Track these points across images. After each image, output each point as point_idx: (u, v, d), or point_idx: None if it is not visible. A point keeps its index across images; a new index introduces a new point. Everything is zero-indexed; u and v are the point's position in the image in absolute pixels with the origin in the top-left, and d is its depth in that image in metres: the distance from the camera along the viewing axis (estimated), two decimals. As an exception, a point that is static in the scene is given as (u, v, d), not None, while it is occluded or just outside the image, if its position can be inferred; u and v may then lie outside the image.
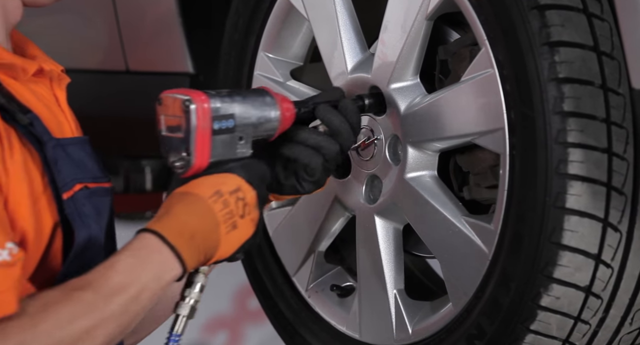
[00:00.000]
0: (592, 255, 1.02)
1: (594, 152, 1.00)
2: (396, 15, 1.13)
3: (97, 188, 0.99)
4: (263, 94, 1.04)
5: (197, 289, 0.99)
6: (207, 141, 0.99)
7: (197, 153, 0.99)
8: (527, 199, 1.02)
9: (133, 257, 0.92)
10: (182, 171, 1.00)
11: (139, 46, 1.53)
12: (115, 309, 0.89)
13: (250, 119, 1.02)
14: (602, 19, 1.01)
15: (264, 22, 1.29)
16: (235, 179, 0.99)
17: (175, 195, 0.98)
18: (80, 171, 0.97)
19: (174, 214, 0.95)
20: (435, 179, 1.14)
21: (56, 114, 1.01)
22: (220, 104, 1.00)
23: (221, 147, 1.00)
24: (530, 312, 1.03)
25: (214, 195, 0.97)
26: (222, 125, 1.00)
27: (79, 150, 0.99)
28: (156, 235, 0.93)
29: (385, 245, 1.19)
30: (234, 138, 1.01)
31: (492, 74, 1.04)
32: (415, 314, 1.17)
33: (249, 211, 0.99)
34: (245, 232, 0.99)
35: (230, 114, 1.00)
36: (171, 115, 1.00)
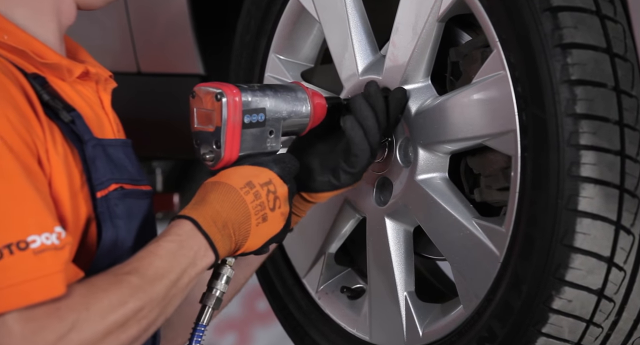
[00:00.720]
0: (605, 258, 1.01)
1: (606, 155, 1.00)
2: (407, 17, 1.13)
3: (133, 190, 1.01)
4: (295, 88, 1.06)
5: (223, 281, 1.00)
6: (237, 134, 1.00)
7: (227, 146, 1.00)
8: (539, 201, 1.02)
9: (172, 242, 0.94)
10: (212, 164, 1.01)
11: (151, 48, 1.53)
12: (159, 293, 0.92)
13: (281, 113, 1.03)
14: (615, 21, 1.01)
15: (275, 23, 1.30)
16: (267, 172, 1.01)
17: (207, 184, 1.00)
18: (118, 172, 0.99)
19: (207, 202, 0.97)
20: (446, 180, 1.14)
21: (99, 115, 1.03)
22: (251, 98, 1.01)
23: (251, 140, 1.01)
24: (541, 314, 1.03)
25: (246, 186, 0.99)
26: (252, 118, 1.01)
27: (119, 152, 1.01)
28: (192, 222, 0.95)
29: (395, 247, 1.19)
30: (264, 132, 1.02)
31: (503, 76, 1.04)
32: (426, 316, 1.17)
33: (280, 205, 1.01)
34: (275, 226, 1.01)
35: (262, 108, 1.02)
36: (203, 108, 1.01)
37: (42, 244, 0.87)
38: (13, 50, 0.98)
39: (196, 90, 1.02)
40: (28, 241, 0.87)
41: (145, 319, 0.90)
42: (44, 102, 0.95)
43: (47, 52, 1.00)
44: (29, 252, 0.87)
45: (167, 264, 0.92)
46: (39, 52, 0.99)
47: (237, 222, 0.98)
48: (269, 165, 1.01)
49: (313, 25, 1.28)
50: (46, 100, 0.95)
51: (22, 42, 0.99)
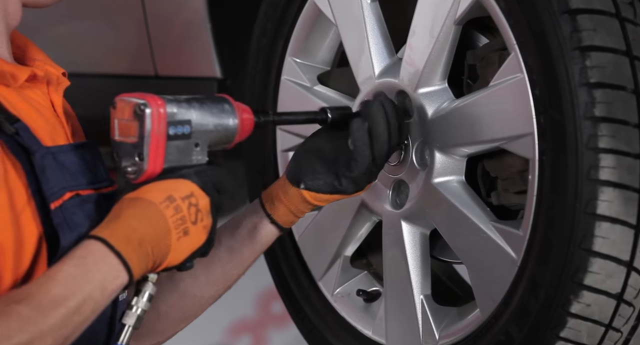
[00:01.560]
0: (624, 262, 1.00)
1: (626, 158, 0.99)
2: (424, 20, 1.13)
3: (90, 195, 0.97)
4: (222, 101, 1.02)
5: (145, 298, 0.97)
6: (161, 146, 0.96)
7: (150, 158, 0.96)
8: (557, 205, 1.01)
9: (76, 267, 0.88)
10: (134, 177, 0.97)
11: (168, 51, 1.54)
12: (54, 323, 0.86)
13: (207, 126, 0.99)
14: (635, 24, 1.00)
15: (291, 26, 1.30)
16: (189, 185, 0.97)
17: (125, 200, 0.95)
18: (72, 179, 0.95)
19: (122, 219, 0.93)
20: (462, 184, 1.14)
21: (51, 120, 0.99)
22: (176, 109, 0.98)
23: (176, 153, 0.98)
24: (560, 319, 1.02)
25: (166, 200, 0.95)
26: (177, 130, 0.97)
27: (72, 157, 0.97)
28: (102, 242, 0.90)
29: (411, 250, 1.19)
30: (190, 144, 0.98)
31: (521, 79, 1.04)
32: (442, 320, 1.17)
33: (202, 218, 0.96)
34: (197, 239, 0.96)
35: (187, 120, 0.98)
36: (126, 119, 0.97)
37: None
38: None
39: (117, 101, 0.98)
40: None
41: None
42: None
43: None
44: None
45: (66, 291, 0.87)
46: None
47: (156, 238, 0.93)
48: (190, 177, 0.97)
49: (330, 28, 1.28)
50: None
51: None
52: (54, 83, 1.01)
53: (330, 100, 1.29)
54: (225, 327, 2.32)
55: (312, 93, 1.30)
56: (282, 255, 1.34)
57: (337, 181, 1.07)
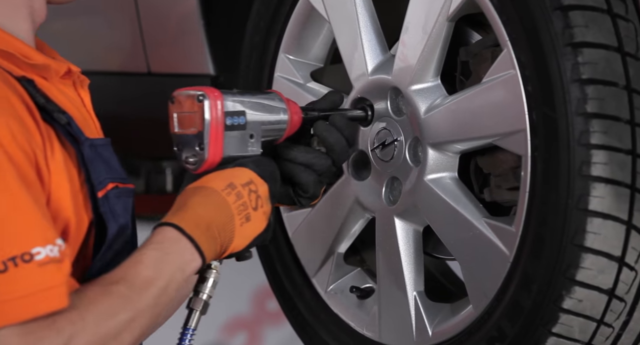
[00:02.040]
0: (616, 257, 1.01)
1: (617, 154, 0.99)
2: (417, 17, 1.13)
3: (125, 188, 1.01)
4: (273, 96, 1.07)
5: (210, 284, 1.00)
6: (220, 136, 1.00)
7: (210, 147, 1.00)
8: (549, 201, 1.01)
9: (157, 250, 0.94)
10: (195, 167, 1.01)
11: (161, 48, 1.54)
12: (148, 302, 0.91)
13: (260, 118, 1.04)
14: (627, 20, 1.00)
15: (284, 23, 1.30)
16: (248, 172, 1.01)
17: (188, 190, 1.00)
18: (110, 171, 0.99)
19: (189, 206, 0.97)
20: (455, 180, 1.14)
21: (84, 114, 1.03)
22: (232, 100, 1.02)
23: (233, 143, 1.02)
24: (552, 314, 1.02)
25: (227, 187, 0.99)
26: (234, 121, 1.01)
27: (107, 152, 1.01)
28: (174, 228, 0.95)
29: (405, 246, 1.19)
30: (245, 135, 1.02)
31: (514, 75, 1.04)
32: (435, 316, 1.17)
33: (262, 204, 1.01)
34: (258, 225, 1.00)
35: (242, 111, 1.02)
36: (185, 111, 1.01)
37: (47, 256, 0.87)
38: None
39: (175, 95, 1.02)
40: (33, 253, 0.86)
41: (137, 328, 0.90)
42: (40, 106, 0.95)
43: (31, 52, 0.99)
44: (33, 264, 0.86)
45: (153, 272, 0.92)
46: (25, 53, 0.98)
47: (221, 223, 0.97)
48: (248, 165, 1.01)
49: (323, 25, 1.28)
50: (42, 104, 0.95)
51: (6, 43, 0.98)
52: (78, 80, 1.04)
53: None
54: (220, 325, 2.32)
55: (305, 90, 1.30)
56: (275, 252, 1.34)
57: (296, 198, 1.10)
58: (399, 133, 1.18)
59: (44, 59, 1.00)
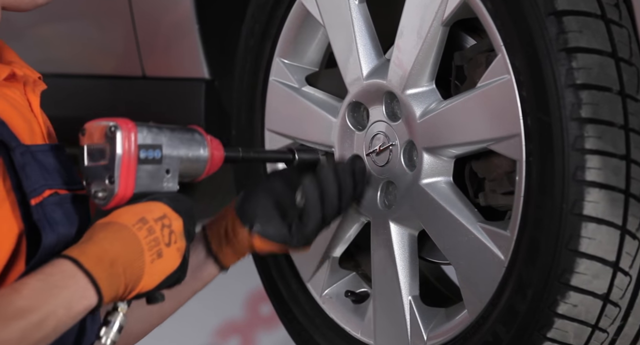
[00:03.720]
0: (610, 262, 1.01)
1: (612, 159, 0.99)
2: (412, 21, 1.13)
3: (69, 195, 0.97)
4: (193, 131, 1.03)
5: (114, 329, 0.94)
6: (132, 169, 0.96)
7: (121, 181, 0.95)
8: (544, 206, 1.01)
9: (42, 282, 0.88)
10: (105, 202, 0.96)
11: (156, 52, 1.54)
12: (12, 335, 0.85)
13: (178, 152, 0.99)
14: (621, 26, 1.01)
15: (279, 28, 1.30)
16: (161, 207, 0.96)
17: (97, 225, 0.95)
18: (51, 177, 0.95)
19: (94, 241, 0.92)
20: (450, 185, 1.14)
21: (29, 119, 0.99)
22: (147, 133, 0.98)
23: (146, 177, 0.97)
24: (547, 319, 1.02)
25: (139, 222, 0.94)
26: (148, 154, 0.97)
27: (50, 157, 0.97)
28: (72, 261, 0.89)
29: (400, 251, 1.19)
30: (161, 170, 0.98)
31: (508, 80, 1.04)
32: (430, 321, 1.17)
33: (175, 239, 0.95)
34: (171, 262, 0.95)
35: (158, 145, 0.98)
36: (96, 143, 0.97)
37: None
38: None
39: (87, 127, 0.98)
40: None
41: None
42: None
43: None
44: None
45: (28, 304, 0.86)
46: None
47: (129, 260, 0.91)
48: (162, 199, 0.97)
49: (318, 29, 1.28)
50: None
51: None
52: (31, 84, 1.02)
53: (319, 101, 1.29)
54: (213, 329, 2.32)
55: (300, 94, 1.30)
56: (270, 256, 1.34)
57: (289, 233, 1.07)
58: (394, 137, 1.18)
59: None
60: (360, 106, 1.23)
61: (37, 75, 1.03)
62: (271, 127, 1.34)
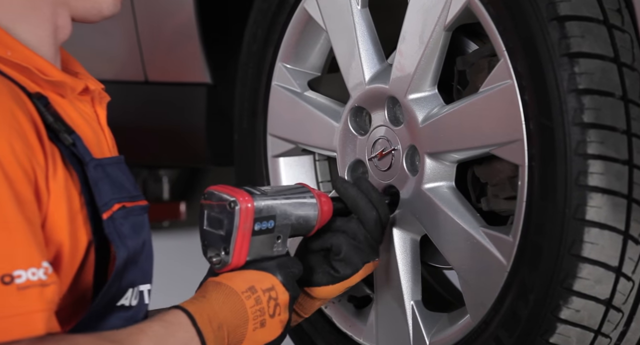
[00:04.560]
0: (613, 267, 1.01)
1: (614, 164, 0.99)
2: (414, 26, 1.13)
3: (134, 207, 1.00)
4: (305, 193, 1.07)
5: None
6: (246, 242, 1.01)
7: (235, 253, 1.01)
8: (546, 211, 1.01)
9: (163, 328, 0.94)
10: (219, 267, 1.02)
11: (158, 56, 1.54)
12: None
13: (290, 219, 1.04)
14: (623, 31, 1.01)
15: (282, 33, 1.30)
16: (271, 278, 1.02)
17: (210, 283, 1.01)
18: (118, 191, 0.99)
19: (208, 300, 0.99)
20: (452, 189, 1.14)
21: (97, 132, 1.02)
22: (263, 205, 1.02)
23: (259, 246, 1.02)
24: (549, 324, 1.02)
25: (248, 290, 1.00)
26: (262, 226, 1.02)
27: (117, 170, 1.00)
28: (188, 316, 0.96)
29: (402, 256, 1.19)
30: (272, 238, 1.03)
31: (510, 85, 1.04)
32: (433, 326, 1.17)
33: (280, 312, 1.01)
34: (272, 332, 1.01)
35: (272, 215, 1.03)
36: (215, 211, 1.02)
37: (28, 279, 0.85)
38: (16, 66, 0.97)
39: (208, 193, 1.03)
40: (14, 275, 0.85)
41: None
42: (47, 125, 0.94)
43: (50, 69, 0.99)
44: (12, 287, 0.85)
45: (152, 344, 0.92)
46: (42, 69, 0.98)
47: (234, 325, 0.98)
48: (272, 270, 1.02)
49: (320, 34, 1.28)
50: (49, 123, 0.94)
51: (25, 58, 0.97)
52: (97, 97, 1.04)
53: (321, 106, 1.29)
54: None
55: (302, 99, 1.30)
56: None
57: (333, 269, 1.09)
58: (396, 142, 1.18)
59: (60, 75, 1.00)
60: (363, 111, 1.23)
61: (101, 86, 1.05)
62: (273, 132, 1.34)
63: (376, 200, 1.11)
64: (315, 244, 1.10)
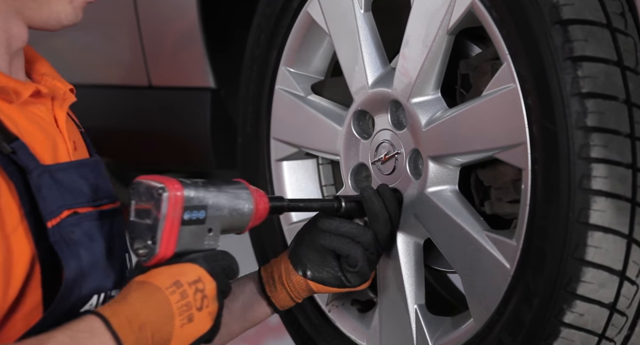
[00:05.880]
0: (617, 271, 1.01)
1: (618, 168, 0.99)
2: (417, 30, 1.13)
3: (90, 212, 0.96)
4: (239, 187, 1.02)
5: None
6: (174, 231, 0.96)
7: (162, 242, 0.95)
8: (550, 215, 1.01)
9: (69, 337, 0.88)
10: (145, 259, 0.96)
11: (162, 61, 1.54)
12: None
13: (222, 212, 0.99)
14: (626, 34, 1.01)
15: (285, 37, 1.30)
16: (197, 269, 0.96)
17: (133, 283, 0.96)
18: (71, 197, 0.95)
19: (127, 301, 0.93)
20: (456, 193, 1.14)
21: (53, 137, 0.99)
22: (194, 194, 0.97)
23: (188, 237, 0.97)
24: (553, 328, 1.02)
25: (173, 285, 0.94)
26: (192, 215, 0.97)
27: (73, 175, 0.96)
28: (102, 320, 0.90)
29: (405, 259, 1.19)
30: (203, 229, 0.98)
31: (513, 89, 1.04)
32: (436, 329, 1.17)
33: (207, 304, 0.96)
34: (201, 326, 0.95)
35: (203, 205, 0.97)
36: (143, 201, 0.96)
37: None
38: None
39: (136, 183, 0.98)
40: None
41: None
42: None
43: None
44: None
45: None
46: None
47: (158, 324, 0.92)
48: (198, 261, 0.97)
49: (323, 38, 1.29)
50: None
51: None
52: (59, 98, 1.01)
53: (324, 109, 1.29)
54: (220, 338, 2.31)
55: (305, 103, 1.30)
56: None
57: (344, 277, 1.09)
58: (399, 146, 1.18)
59: (4, 80, 0.97)
60: (366, 115, 1.23)
61: (69, 87, 1.02)
62: (277, 136, 1.34)
63: (394, 214, 1.10)
64: (329, 242, 1.06)
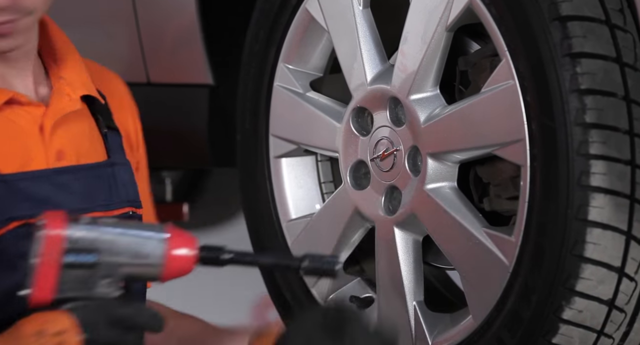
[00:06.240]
0: (615, 268, 1.01)
1: (616, 164, 0.99)
2: (416, 27, 1.13)
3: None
4: (153, 231, 0.91)
5: None
6: (51, 274, 0.88)
7: (37, 284, 0.88)
8: (549, 211, 1.01)
9: None
10: (27, 301, 0.90)
11: (160, 58, 1.54)
12: None
13: (120, 258, 0.89)
14: (625, 31, 1.01)
15: (284, 33, 1.30)
16: (65, 320, 0.91)
17: (14, 326, 0.92)
18: (27, 207, 0.90)
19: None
20: (455, 190, 1.14)
21: (27, 144, 0.95)
22: (80, 235, 0.88)
23: (73, 282, 0.89)
24: (552, 325, 1.02)
25: (35, 335, 0.90)
26: (78, 259, 0.88)
27: (41, 184, 0.92)
28: None
29: (404, 256, 1.19)
30: (95, 275, 0.89)
31: (512, 85, 1.04)
32: (435, 326, 1.17)
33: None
34: None
35: (93, 249, 0.88)
36: (35, 239, 0.89)
37: None
38: None
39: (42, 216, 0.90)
40: None
41: None
42: None
43: None
44: None
45: None
46: None
47: None
48: (74, 311, 0.90)
49: (322, 35, 1.28)
50: None
51: None
52: (55, 107, 0.98)
53: (323, 106, 1.29)
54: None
55: (304, 99, 1.30)
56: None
57: None
58: (398, 142, 1.18)
59: None
60: (365, 111, 1.23)
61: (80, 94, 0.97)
62: (275, 133, 1.34)
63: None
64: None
